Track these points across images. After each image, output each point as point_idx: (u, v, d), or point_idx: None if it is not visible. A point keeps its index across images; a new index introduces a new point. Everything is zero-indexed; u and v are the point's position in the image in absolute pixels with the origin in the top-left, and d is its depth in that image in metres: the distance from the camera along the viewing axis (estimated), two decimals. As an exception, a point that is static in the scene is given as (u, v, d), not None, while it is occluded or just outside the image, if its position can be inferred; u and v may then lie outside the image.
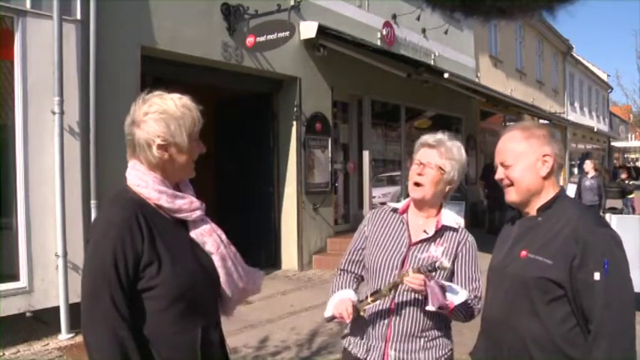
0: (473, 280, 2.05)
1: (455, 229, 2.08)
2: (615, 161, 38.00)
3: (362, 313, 1.96)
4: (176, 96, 1.66)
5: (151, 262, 1.55)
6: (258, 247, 8.01)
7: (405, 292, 1.96)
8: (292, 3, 7.37)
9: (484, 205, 13.48)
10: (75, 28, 5.21)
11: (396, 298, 1.98)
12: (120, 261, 1.50)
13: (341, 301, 2.01)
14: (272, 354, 4.66)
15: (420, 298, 1.94)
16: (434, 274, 1.87)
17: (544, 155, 1.80)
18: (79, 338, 4.99)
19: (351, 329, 2.10)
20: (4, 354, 4.60)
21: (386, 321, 2.00)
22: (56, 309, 4.99)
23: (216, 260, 1.70)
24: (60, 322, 4.98)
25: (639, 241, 5.53)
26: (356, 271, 2.18)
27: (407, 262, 2.01)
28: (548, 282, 1.67)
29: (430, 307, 1.86)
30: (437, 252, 2.02)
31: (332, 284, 2.19)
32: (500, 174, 1.86)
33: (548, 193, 1.81)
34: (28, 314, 4.89)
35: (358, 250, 2.17)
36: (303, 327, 5.34)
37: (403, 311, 1.99)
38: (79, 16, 5.23)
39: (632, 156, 44.11)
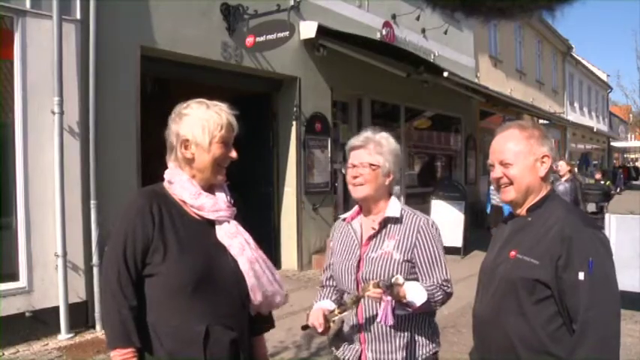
0: (435, 268, 2.05)
1: (399, 220, 2.08)
2: (615, 161, 38.04)
3: (332, 324, 2.02)
4: (213, 103, 1.80)
5: (157, 248, 1.65)
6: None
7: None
8: (292, 3, 7.37)
9: (483, 204, 13.49)
10: (75, 28, 5.21)
11: (363, 302, 2.02)
12: (129, 245, 1.64)
13: (314, 311, 2.08)
14: (271, 354, 4.65)
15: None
16: (393, 288, 1.88)
17: (543, 156, 1.81)
18: (79, 338, 4.99)
19: (335, 336, 2.16)
20: (3, 354, 4.60)
21: (357, 325, 2.06)
22: (56, 309, 4.98)
23: (243, 264, 1.75)
24: (59, 322, 4.97)
25: (639, 241, 5.54)
26: (334, 285, 2.24)
27: (362, 265, 2.05)
28: (534, 282, 1.68)
29: (381, 321, 1.89)
30: (389, 247, 2.04)
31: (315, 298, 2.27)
32: (498, 173, 1.85)
33: (540, 193, 1.82)
34: (27, 314, 4.88)
35: (330, 264, 2.25)
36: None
37: (371, 315, 2.03)
38: (78, 16, 5.23)
39: (632, 156, 44.15)
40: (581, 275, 1.61)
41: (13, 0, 4.80)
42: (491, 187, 8.47)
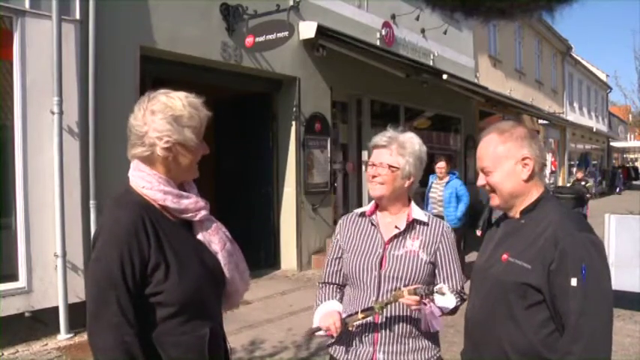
0: (455, 272, 2.08)
1: (426, 223, 2.08)
2: (614, 161, 38.06)
3: (350, 328, 1.95)
4: (183, 94, 1.62)
5: (157, 266, 1.53)
6: (257, 247, 8.01)
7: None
8: (291, 3, 7.37)
9: (482, 205, 13.49)
10: (74, 28, 5.21)
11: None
12: (127, 266, 1.48)
13: (328, 313, 2.00)
14: (271, 354, 4.66)
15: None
16: (432, 296, 1.85)
17: (524, 158, 1.75)
18: (78, 338, 4.99)
19: (337, 337, 2.06)
20: (3, 354, 4.60)
21: (372, 326, 1.99)
22: (55, 309, 4.98)
23: (223, 258, 1.69)
24: (59, 322, 4.97)
25: (639, 241, 5.54)
26: (338, 282, 2.17)
27: (385, 262, 2.01)
28: (526, 287, 1.65)
29: (425, 329, 1.91)
30: (414, 246, 2.02)
31: (316, 297, 2.19)
32: (481, 180, 1.83)
33: (532, 195, 1.78)
34: (27, 314, 4.88)
35: (336, 259, 2.17)
36: (301, 327, 5.33)
37: (390, 316, 1.99)
38: (78, 16, 5.23)
39: (631, 156, 44.19)
40: (573, 281, 1.58)
41: (13, 0, 4.80)
42: (431, 198, 7.54)
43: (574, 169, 25.28)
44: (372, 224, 2.11)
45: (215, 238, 1.69)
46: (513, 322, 1.68)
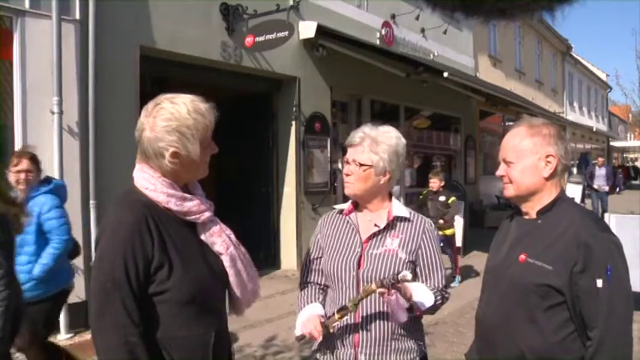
0: (437, 271, 2.03)
1: (408, 219, 2.03)
2: (614, 161, 38.07)
3: (331, 330, 1.93)
4: (188, 99, 1.60)
5: (161, 265, 1.52)
6: (257, 247, 8.00)
7: (370, 298, 1.91)
8: (291, 3, 7.36)
9: (482, 204, 13.51)
10: (74, 28, 5.21)
11: (361, 304, 1.93)
12: (130, 265, 1.48)
13: (309, 319, 1.98)
14: (272, 354, 4.66)
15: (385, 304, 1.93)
16: (399, 285, 1.80)
17: (547, 156, 1.73)
18: (79, 338, 4.99)
19: (320, 342, 2.05)
20: (3, 354, 4.59)
21: (353, 327, 1.97)
22: (55, 309, 4.97)
23: (226, 261, 1.68)
24: (59, 322, 4.95)
25: (639, 241, 5.54)
26: (319, 281, 2.13)
27: (363, 262, 1.97)
28: (548, 288, 1.64)
29: (393, 320, 1.87)
30: (393, 245, 1.98)
31: (297, 300, 2.14)
32: (501, 171, 1.81)
33: (550, 195, 1.76)
34: (27, 314, 4.88)
35: (316, 259, 2.13)
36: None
37: (369, 317, 1.96)
38: (77, 16, 5.23)
39: (631, 156, 44.20)
40: (599, 282, 1.58)
41: (13, 0, 4.80)
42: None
43: (574, 169, 25.33)
44: (349, 223, 2.07)
45: (218, 240, 1.68)
46: (532, 324, 1.67)
